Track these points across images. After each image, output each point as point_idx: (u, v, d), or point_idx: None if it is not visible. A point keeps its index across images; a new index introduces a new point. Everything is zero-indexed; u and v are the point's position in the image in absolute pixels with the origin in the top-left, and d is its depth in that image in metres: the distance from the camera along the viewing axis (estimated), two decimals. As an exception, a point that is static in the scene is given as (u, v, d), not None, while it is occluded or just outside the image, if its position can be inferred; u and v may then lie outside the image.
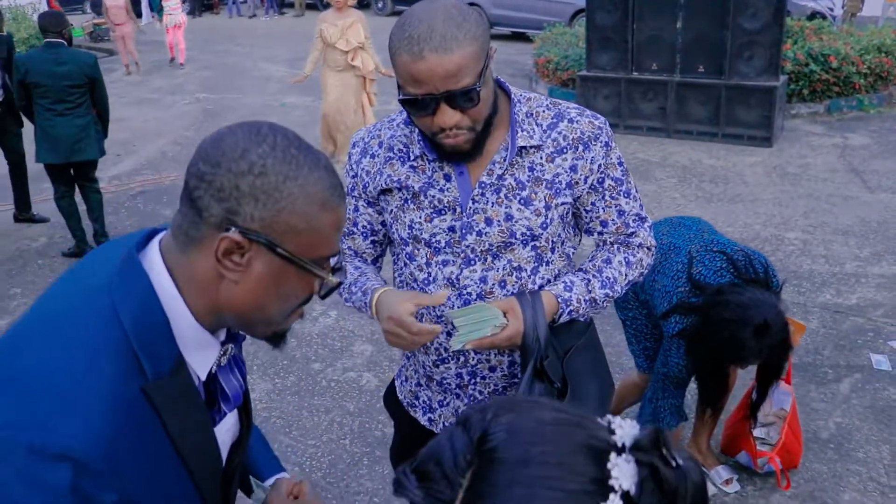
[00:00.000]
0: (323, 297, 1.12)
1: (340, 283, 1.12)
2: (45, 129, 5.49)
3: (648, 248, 1.90)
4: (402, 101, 1.60)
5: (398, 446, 2.14)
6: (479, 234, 1.72)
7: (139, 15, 17.76)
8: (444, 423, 1.92)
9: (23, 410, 0.93)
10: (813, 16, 13.36)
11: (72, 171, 5.72)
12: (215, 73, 13.53)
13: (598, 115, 1.82)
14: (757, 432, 3.22)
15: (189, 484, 1.08)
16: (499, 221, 1.72)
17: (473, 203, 1.72)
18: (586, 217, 1.83)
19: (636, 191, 1.87)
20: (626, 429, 0.76)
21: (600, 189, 1.79)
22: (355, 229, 1.88)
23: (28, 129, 5.81)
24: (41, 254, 5.89)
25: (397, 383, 2.07)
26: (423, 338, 1.64)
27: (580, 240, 1.93)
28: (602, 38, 8.54)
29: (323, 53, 7.61)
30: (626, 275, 1.85)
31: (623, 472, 0.72)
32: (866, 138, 8.34)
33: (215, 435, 1.13)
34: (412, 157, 1.75)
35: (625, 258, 1.85)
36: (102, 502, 0.93)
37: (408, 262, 1.81)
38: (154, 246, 1.08)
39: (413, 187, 1.74)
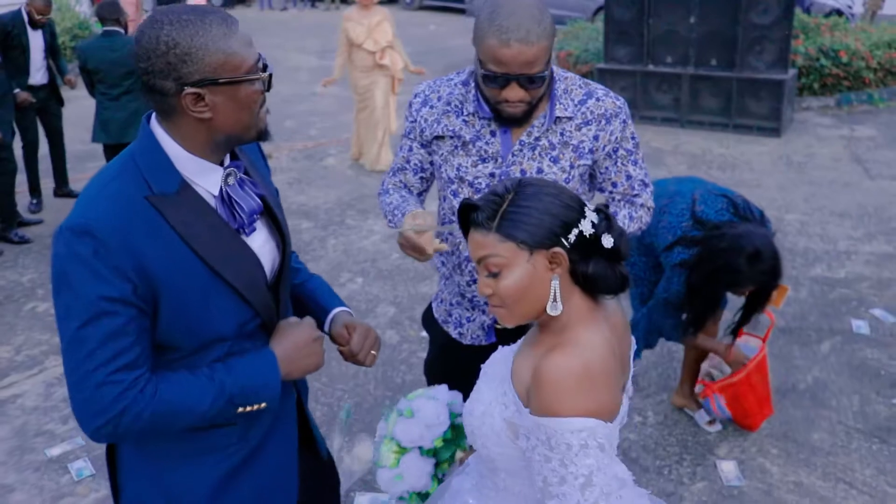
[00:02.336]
0: (268, 90, 1.53)
1: (271, 73, 1.52)
2: (100, 112, 5.93)
3: (648, 209, 2.31)
4: (483, 76, 2.00)
5: (433, 358, 2.58)
6: None
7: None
8: (470, 336, 2.34)
9: (71, 215, 1.42)
10: (832, 13, 13.56)
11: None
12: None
13: (620, 97, 2.24)
14: (704, 366, 3.61)
15: (226, 287, 1.50)
16: (531, 173, 2.14)
17: (513, 156, 2.14)
18: (600, 178, 2.25)
19: (643, 162, 2.29)
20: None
21: (614, 156, 2.21)
22: (407, 165, 2.30)
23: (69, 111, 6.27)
24: (91, 225, 6.35)
25: (434, 305, 2.49)
26: (420, 252, 2.03)
27: (593, 195, 2.34)
28: (619, 33, 8.89)
29: (349, 54, 7.29)
30: (628, 227, 2.26)
31: (592, 213, 1.49)
32: (873, 130, 8.63)
33: (245, 243, 1.54)
34: (465, 113, 2.16)
35: (628, 213, 2.27)
36: (118, 263, 1.38)
37: (452, 197, 2.22)
38: (153, 119, 1.51)
39: (464, 137, 2.16)
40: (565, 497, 1.37)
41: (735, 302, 3.38)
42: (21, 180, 6.15)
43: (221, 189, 1.52)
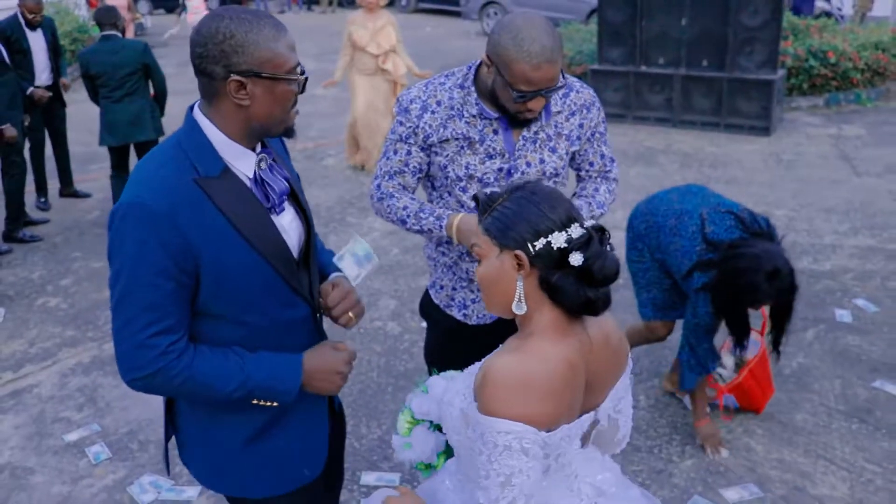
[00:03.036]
0: (301, 92, 1.70)
1: (307, 79, 1.70)
2: (105, 115, 6.08)
3: (616, 181, 2.55)
4: (515, 95, 2.14)
5: (434, 342, 2.73)
6: (522, 173, 2.35)
7: (171, 10, 18.42)
8: (476, 316, 2.50)
9: (127, 195, 1.61)
10: (822, 15, 13.75)
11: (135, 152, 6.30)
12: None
13: (588, 86, 2.45)
14: (724, 363, 3.66)
15: (263, 262, 1.68)
16: (535, 164, 2.35)
17: (518, 151, 2.34)
18: (579, 159, 2.47)
19: (609, 140, 2.52)
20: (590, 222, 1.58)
21: (592, 140, 2.45)
22: (406, 168, 2.40)
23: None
24: (95, 224, 6.52)
25: (432, 292, 2.64)
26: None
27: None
28: (612, 34, 9.08)
29: (352, 57, 7.27)
30: (606, 199, 2.50)
31: (576, 230, 1.53)
32: (861, 129, 8.83)
33: (273, 222, 1.72)
34: (467, 115, 2.32)
35: (607, 188, 2.51)
36: (169, 239, 1.57)
37: (461, 193, 2.37)
38: (196, 108, 1.69)
39: (472, 138, 2.32)
40: (487, 491, 1.49)
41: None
42: (28, 180, 6.29)
43: (255, 173, 1.70)
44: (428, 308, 2.68)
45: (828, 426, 3.59)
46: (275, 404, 1.76)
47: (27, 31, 6.31)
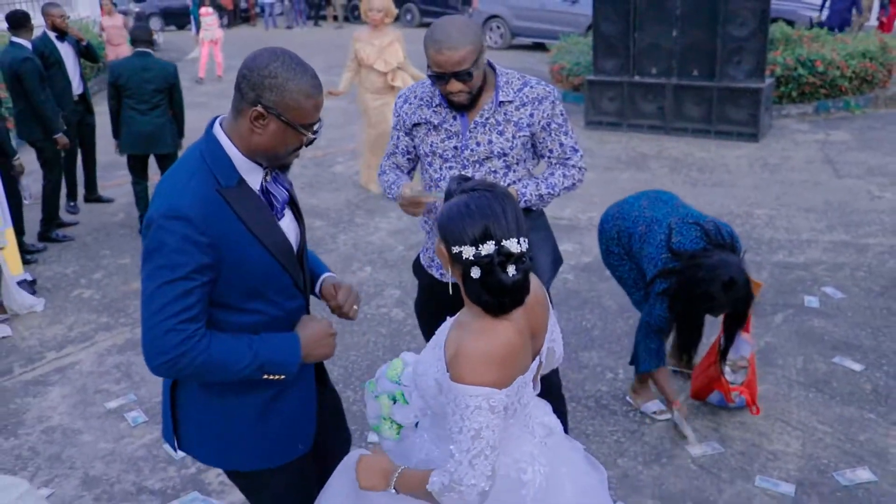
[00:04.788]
0: (307, 145, 1.97)
1: (316, 138, 1.96)
2: (129, 125, 6.50)
3: (579, 169, 2.96)
4: (429, 76, 2.71)
5: (420, 295, 3.24)
6: (472, 150, 2.81)
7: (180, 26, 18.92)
8: (448, 276, 2.92)
9: (164, 202, 1.87)
10: (814, 26, 14.09)
11: (156, 163, 6.75)
12: (256, 81, 14.65)
13: (551, 85, 2.89)
14: (728, 376, 3.82)
15: (272, 259, 1.98)
16: (483, 144, 2.81)
17: (469, 133, 2.80)
18: (540, 146, 2.89)
19: (573, 132, 2.94)
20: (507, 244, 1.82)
21: (548, 129, 2.86)
22: (396, 150, 3.01)
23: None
24: (122, 225, 6.99)
25: (420, 255, 3.14)
26: (416, 206, 2.73)
27: (538, 162, 2.96)
28: (607, 46, 9.51)
29: (359, 75, 7.15)
30: (563, 183, 2.92)
31: (487, 247, 1.79)
32: (847, 135, 9.23)
33: (279, 225, 2.02)
34: (434, 105, 2.84)
35: (562, 173, 2.92)
36: (200, 240, 1.84)
37: (428, 167, 2.92)
38: (217, 123, 1.97)
39: (434, 122, 2.84)
40: (460, 443, 1.78)
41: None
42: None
43: (262, 185, 2.01)
44: (416, 267, 3.19)
45: (787, 395, 3.99)
46: (282, 377, 2.00)
47: (57, 43, 6.79)
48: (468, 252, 1.80)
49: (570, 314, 4.92)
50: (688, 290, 3.30)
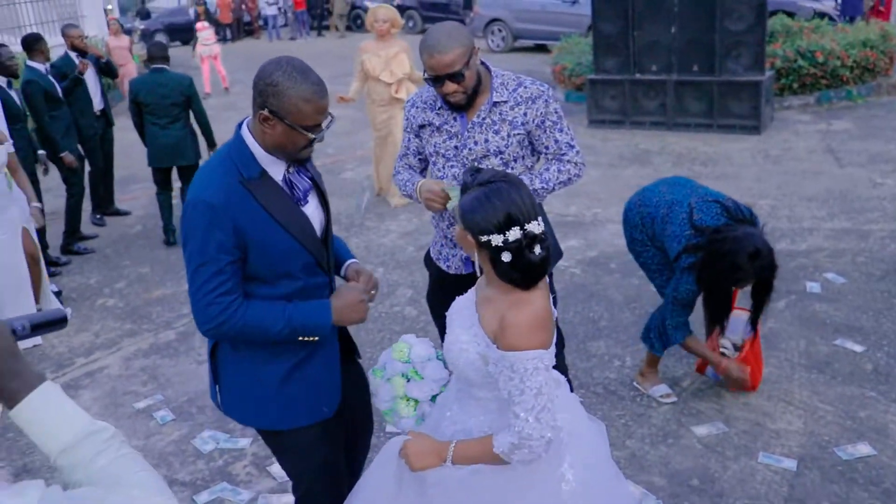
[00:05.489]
0: (316, 142, 2.18)
1: (319, 138, 2.17)
2: (151, 139, 6.71)
3: (575, 164, 3.09)
4: (425, 80, 2.90)
5: (430, 286, 3.42)
6: (470, 149, 2.98)
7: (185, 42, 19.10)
8: (455, 267, 3.12)
9: (193, 193, 2.18)
10: (815, 17, 14.14)
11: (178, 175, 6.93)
12: (264, 92, 14.87)
13: (545, 84, 3.04)
14: (723, 344, 3.98)
15: (294, 241, 2.24)
16: (481, 143, 2.98)
17: (467, 133, 2.98)
18: (536, 143, 3.05)
19: (569, 129, 3.09)
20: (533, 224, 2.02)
21: (543, 126, 3.02)
22: (408, 151, 3.19)
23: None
24: (140, 236, 7.19)
25: (430, 249, 3.32)
26: (435, 196, 2.89)
27: (537, 159, 3.11)
28: (607, 46, 9.67)
29: (366, 86, 7.15)
30: (558, 178, 3.06)
31: (514, 233, 1.98)
32: (849, 124, 9.35)
33: (303, 211, 2.28)
34: (436, 108, 3.02)
35: (557, 168, 3.07)
36: (225, 224, 2.11)
37: (433, 166, 3.10)
38: (244, 123, 2.23)
39: (436, 123, 3.03)
40: (524, 403, 1.97)
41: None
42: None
43: (284, 176, 2.26)
44: (427, 260, 3.38)
45: (790, 376, 4.13)
46: (315, 339, 2.27)
47: (78, 61, 7.00)
48: (497, 240, 1.99)
49: (577, 306, 5.07)
50: (715, 262, 3.39)
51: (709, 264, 3.43)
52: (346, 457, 2.66)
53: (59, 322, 1.37)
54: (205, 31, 15.74)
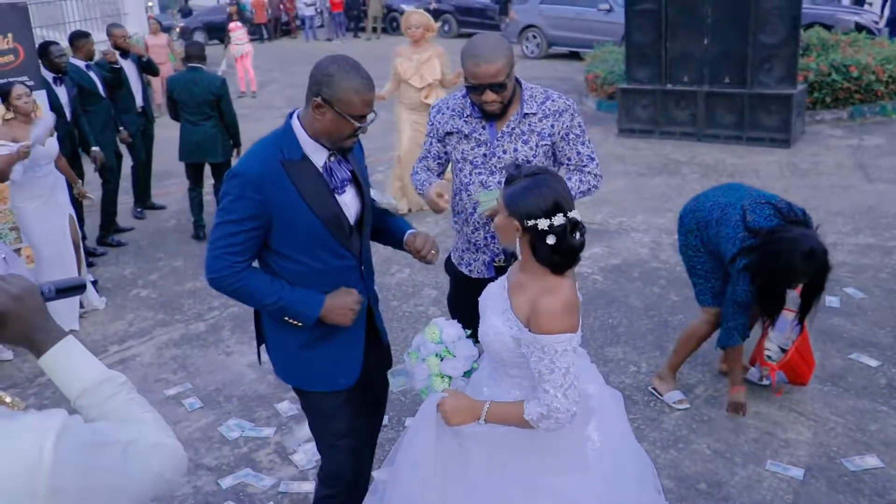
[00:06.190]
0: (360, 132, 2.41)
1: (364, 127, 2.40)
2: (183, 135, 6.94)
3: (595, 176, 3.23)
4: (467, 87, 3.03)
5: (451, 290, 3.53)
6: (499, 157, 3.10)
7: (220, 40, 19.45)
8: (477, 271, 3.24)
9: (237, 165, 2.44)
10: (854, 29, 14.00)
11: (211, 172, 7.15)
12: (298, 92, 14.97)
13: (570, 98, 3.19)
14: (769, 345, 4.05)
15: (319, 222, 2.43)
16: (510, 152, 3.10)
17: (497, 141, 3.10)
18: (559, 154, 3.17)
19: (590, 142, 3.22)
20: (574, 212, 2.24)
21: (567, 139, 3.14)
22: (429, 155, 3.30)
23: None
24: (174, 230, 7.41)
25: (451, 253, 3.44)
26: (441, 202, 3.00)
27: (558, 169, 3.22)
28: (639, 55, 9.73)
29: (399, 89, 7.23)
30: (579, 187, 3.18)
31: (558, 218, 2.19)
32: (881, 139, 9.31)
33: (335, 197, 2.47)
34: (465, 115, 3.14)
35: (579, 178, 3.19)
36: (254, 197, 2.36)
37: (458, 172, 3.20)
38: (294, 115, 2.46)
39: (465, 131, 3.14)
40: (553, 381, 2.20)
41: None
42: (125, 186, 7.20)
43: (325, 163, 2.46)
44: (448, 264, 3.50)
45: (803, 388, 4.19)
46: (300, 324, 2.50)
47: (121, 60, 7.24)
48: (543, 223, 2.21)
49: (597, 312, 5.17)
50: (770, 263, 3.45)
51: (764, 265, 3.49)
52: (369, 424, 2.92)
53: (79, 287, 1.60)
54: (237, 30, 16.01)
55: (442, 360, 2.53)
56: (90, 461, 1.24)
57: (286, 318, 2.51)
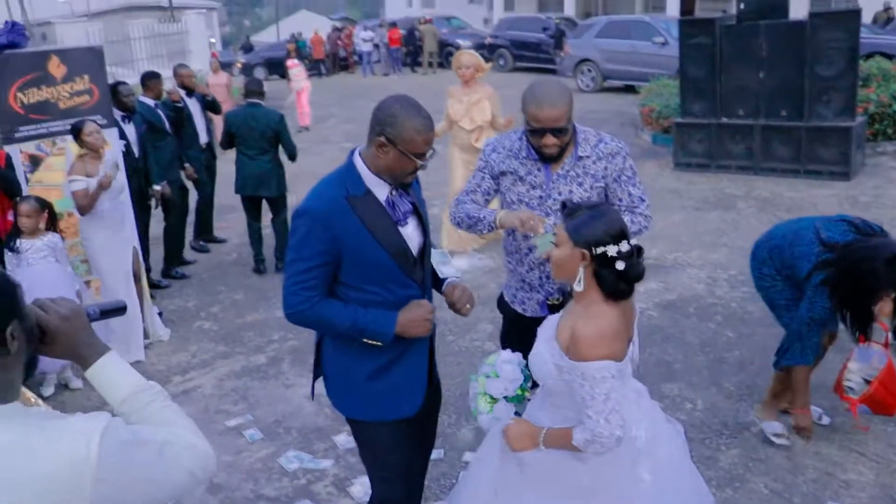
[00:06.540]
0: (420, 168, 2.52)
1: (426, 165, 2.52)
2: (240, 169, 7.14)
3: (645, 217, 3.26)
4: (528, 130, 3.09)
5: (504, 328, 3.58)
6: (554, 199, 3.15)
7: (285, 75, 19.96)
8: (531, 310, 3.28)
9: (305, 202, 2.53)
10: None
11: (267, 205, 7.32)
12: (356, 126, 15.35)
13: (622, 141, 3.24)
14: (850, 375, 3.86)
15: (386, 255, 2.53)
16: (565, 193, 3.15)
17: (552, 184, 3.16)
18: (611, 196, 3.22)
19: (641, 185, 3.26)
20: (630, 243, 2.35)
21: (619, 180, 3.20)
22: (478, 189, 3.30)
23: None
24: (234, 264, 7.61)
25: (504, 292, 3.48)
26: (534, 222, 2.96)
27: None
28: (694, 89, 9.74)
29: (452, 129, 7.24)
30: (630, 227, 3.14)
31: (624, 245, 2.34)
32: (946, 171, 9.12)
33: (399, 230, 2.56)
34: (521, 157, 3.20)
35: (630, 219, 3.21)
36: (323, 233, 2.46)
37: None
38: (356, 153, 2.57)
39: (520, 173, 3.20)
40: (594, 406, 2.27)
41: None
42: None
43: (388, 197, 2.57)
44: (501, 303, 3.55)
45: (843, 422, 4.12)
46: (379, 343, 2.57)
47: (185, 99, 7.52)
48: (612, 250, 2.32)
49: (652, 349, 5.16)
50: (850, 271, 3.37)
51: (844, 275, 3.40)
52: (421, 457, 2.98)
53: (121, 309, 1.79)
54: (294, 67, 16.48)
55: (488, 378, 2.68)
56: (129, 457, 1.43)
57: (365, 340, 2.57)
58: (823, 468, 3.81)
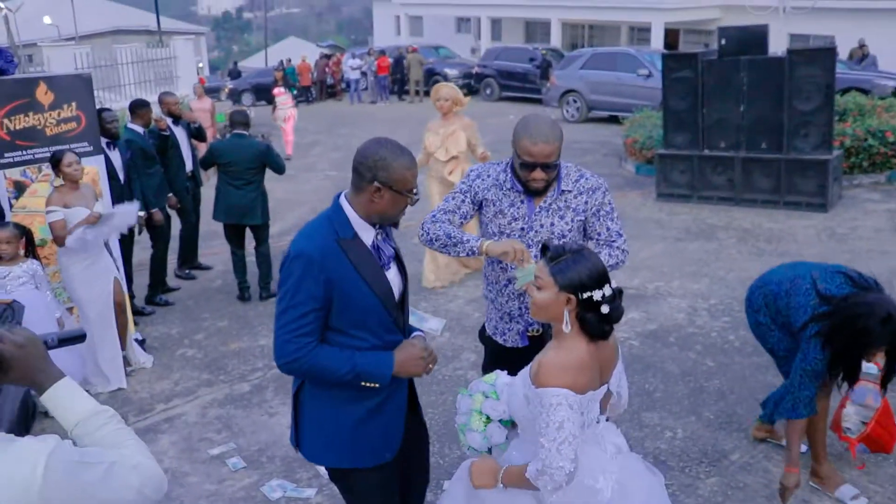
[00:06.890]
0: (412, 205, 2.55)
1: (418, 198, 2.56)
2: (225, 198, 7.14)
3: (623, 251, 3.31)
4: (521, 164, 3.12)
5: (486, 359, 3.61)
6: (536, 231, 3.22)
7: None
8: (511, 340, 3.34)
9: (297, 245, 2.52)
10: (895, 94, 13.98)
11: (250, 233, 7.35)
12: (342, 154, 15.45)
13: (601, 177, 3.32)
14: (847, 416, 3.89)
15: (375, 298, 2.55)
16: (546, 226, 3.22)
17: (535, 216, 3.22)
18: (589, 230, 3.29)
19: (619, 219, 3.33)
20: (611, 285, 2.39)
21: (598, 215, 3.27)
22: (457, 211, 3.28)
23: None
24: (219, 291, 7.63)
25: (486, 324, 3.54)
26: (523, 255, 2.96)
27: (586, 243, 3.33)
28: (677, 121, 9.89)
29: (428, 161, 7.30)
30: (608, 261, 3.21)
31: (608, 288, 2.40)
32: (920, 204, 9.29)
33: (384, 273, 2.58)
34: (505, 188, 3.26)
35: (608, 252, 3.28)
36: (318, 276, 2.45)
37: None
38: (342, 196, 2.58)
39: (502, 204, 3.25)
40: (548, 435, 2.27)
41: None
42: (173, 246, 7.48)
43: (373, 241, 2.60)
44: (482, 335, 3.61)
45: (841, 455, 4.19)
46: (377, 385, 2.56)
47: (172, 126, 7.57)
48: (598, 294, 2.36)
49: (633, 377, 5.21)
50: (845, 327, 3.35)
51: (839, 330, 3.38)
52: (404, 499, 2.93)
53: (79, 337, 1.86)
54: (281, 95, 16.60)
55: (486, 398, 2.69)
56: (76, 477, 1.50)
57: (363, 384, 2.55)
58: (800, 496, 3.86)
